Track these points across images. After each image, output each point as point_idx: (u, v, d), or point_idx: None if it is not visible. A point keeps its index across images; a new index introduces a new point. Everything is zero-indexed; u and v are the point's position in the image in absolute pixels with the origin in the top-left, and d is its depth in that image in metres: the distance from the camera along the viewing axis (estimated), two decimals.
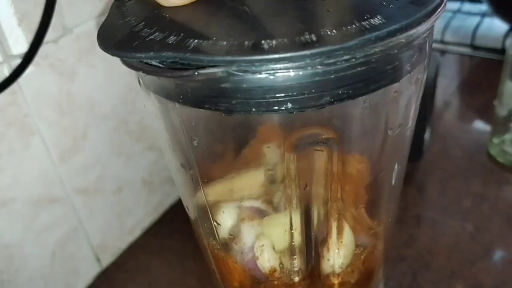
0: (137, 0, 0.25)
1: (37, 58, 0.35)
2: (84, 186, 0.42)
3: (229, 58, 0.18)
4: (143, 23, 0.22)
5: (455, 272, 0.42)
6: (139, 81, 0.26)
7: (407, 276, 0.42)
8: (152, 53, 0.20)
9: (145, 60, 0.21)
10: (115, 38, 0.21)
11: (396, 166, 0.29)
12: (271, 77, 0.19)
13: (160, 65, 0.20)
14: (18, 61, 0.34)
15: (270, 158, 0.28)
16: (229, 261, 0.31)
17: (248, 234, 0.29)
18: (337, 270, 0.30)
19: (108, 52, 0.21)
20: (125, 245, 0.49)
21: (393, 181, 0.29)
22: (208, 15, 0.22)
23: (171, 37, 0.20)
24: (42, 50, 0.35)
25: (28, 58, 0.34)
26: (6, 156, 0.36)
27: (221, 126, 0.26)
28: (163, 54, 0.19)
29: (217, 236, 0.30)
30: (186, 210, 0.32)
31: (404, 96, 0.25)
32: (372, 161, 0.28)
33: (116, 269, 0.47)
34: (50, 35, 0.35)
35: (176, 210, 0.53)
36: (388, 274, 0.42)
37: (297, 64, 0.18)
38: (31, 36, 0.34)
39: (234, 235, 0.30)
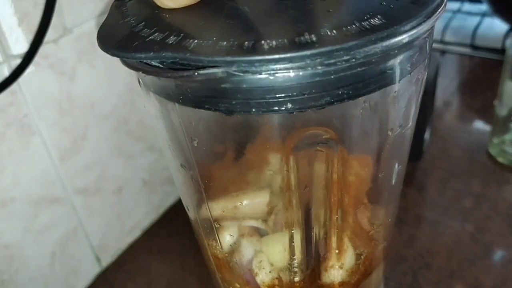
0: (137, 0, 0.25)
1: (37, 58, 0.35)
2: (84, 186, 0.42)
3: (229, 58, 0.18)
4: (143, 23, 0.22)
5: (455, 272, 0.42)
6: (139, 82, 0.26)
7: (407, 276, 0.42)
8: (152, 53, 0.20)
9: (145, 60, 0.20)
10: (115, 38, 0.21)
11: (396, 166, 0.29)
12: (271, 77, 0.19)
13: (160, 65, 0.20)
14: (18, 61, 0.34)
15: (270, 162, 0.28)
16: (229, 262, 0.31)
17: (247, 249, 0.29)
18: (338, 279, 0.30)
19: (108, 52, 0.21)
20: (125, 245, 0.49)
21: (393, 181, 0.29)
22: (208, 16, 0.22)
23: (171, 37, 0.20)
24: (42, 50, 0.35)
25: (28, 58, 0.34)
26: (6, 156, 0.36)
27: (221, 127, 0.26)
28: (163, 54, 0.19)
29: (217, 237, 0.30)
30: (186, 210, 0.32)
31: (404, 96, 0.25)
32: (372, 161, 0.28)
33: (116, 269, 0.47)
34: (50, 35, 0.35)
35: (176, 210, 0.53)
36: (388, 274, 0.41)
37: (297, 64, 0.18)
38: (31, 36, 0.34)
39: (234, 248, 0.30)
